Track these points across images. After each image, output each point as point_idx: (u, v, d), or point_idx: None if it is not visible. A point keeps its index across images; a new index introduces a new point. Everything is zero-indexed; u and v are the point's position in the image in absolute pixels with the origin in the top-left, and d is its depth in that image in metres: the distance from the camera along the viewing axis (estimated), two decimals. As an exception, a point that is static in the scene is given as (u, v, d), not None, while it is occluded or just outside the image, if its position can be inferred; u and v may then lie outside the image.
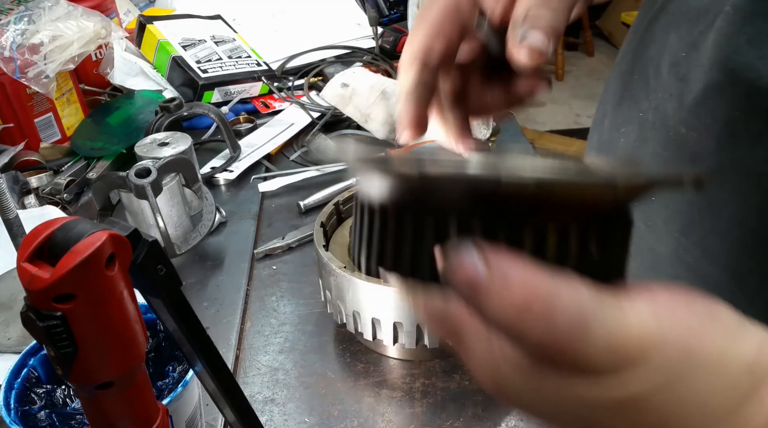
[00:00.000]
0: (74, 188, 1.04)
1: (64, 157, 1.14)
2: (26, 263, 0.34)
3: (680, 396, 0.26)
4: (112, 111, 1.22)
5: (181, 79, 1.29)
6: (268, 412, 0.67)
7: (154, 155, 0.87)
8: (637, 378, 0.25)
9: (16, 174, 1.04)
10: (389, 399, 0.68)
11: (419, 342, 0.68)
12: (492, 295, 0.25)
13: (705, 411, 0.26)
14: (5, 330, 0.75)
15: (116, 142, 1.13)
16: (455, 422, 0.65)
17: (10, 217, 0.70)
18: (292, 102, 1.26)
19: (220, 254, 0.91)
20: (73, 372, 0.36)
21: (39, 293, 0.33)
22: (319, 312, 0.79)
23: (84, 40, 1.10)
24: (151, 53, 1.33)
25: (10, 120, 1.12)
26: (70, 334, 0.34)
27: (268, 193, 1.03)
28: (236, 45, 1.39)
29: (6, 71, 1.05)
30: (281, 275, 0.86)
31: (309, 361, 0.73)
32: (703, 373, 0.25)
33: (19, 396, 0.54)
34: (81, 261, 0.33)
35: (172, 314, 0.41)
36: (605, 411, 0.26)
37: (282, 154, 1.15)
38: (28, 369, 0.56)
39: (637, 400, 0.26)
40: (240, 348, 0.75)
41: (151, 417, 0.43)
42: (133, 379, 0.40)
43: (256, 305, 0.82)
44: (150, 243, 0.37)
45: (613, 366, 0.25)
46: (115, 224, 0.37)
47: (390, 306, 0.66)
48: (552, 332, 0.25)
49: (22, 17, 1.07)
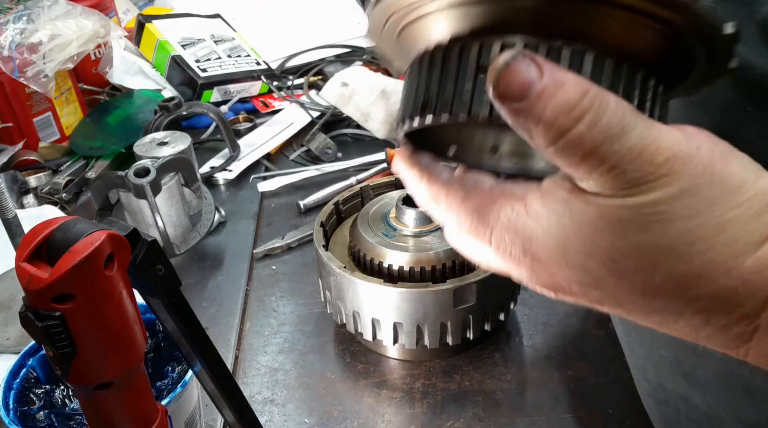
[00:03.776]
0: (73, 188, 1.04)
1: (62, 156, 1.14)
2: (25, 263, 0.33)
3: (702, 210, 0.27)
4: (111, 110, 1.22)
5: (180, 78, 1.28)
6: (268, 412, 0.67)
7: (153, 155, 0.87)
8: (662, 186, 0.27)
9: (15, 174, 1.04)
10: (389, 400, 0.68)
11: (419, 342, 0.67)
12: (544, 96, 0.26)
13: (725, 239, 0.27)
14: (4, 330, 0.75)
15: (115, 141, 1.12)
16: (455, 422, 0.64)
17: (8, 217, 0.70)
18: (291, 101, 1.26)
19: (220, 254, 0.91)
20: (72, 373, 0.36)
21: (38, 293, 0.33)
22: (319, 312, 0.79)
23: (83, 40, 1.10)
24: (150, 52, 1.33)
25: (9, 119, 1.11)
26: (68, 334, 0.34)
27: (268, 193, 1.03)
28: (235, 44, 1.38)
29: (5, 70, 1.05)
30: (281, 275, 0.86)
31: (309, 361, 0.73)
32: (724, 193, 0.27)
33: (18, 397, 0.54)
34: (80, 261, 0.33)
35: (171, 315, 0.41)
36: (632, 225, 0.27)
37: (282, 153, 1.15)
38: (26, 369, 0.55)
39: (660, 206, 0.27)
40: (239, 349, 0.75)
41: (150, 418, 0.42)
42: (132, 379, 0.40)
43: (255, 305, 0.82)
44: (149, 243, 0.37)
45: (641, 173, 0.27)
46: (114, 223, 0.36)
47: (390, 306, 0.65)
48: (595, 128, 0.26)
49: (21, 16, 1.07)
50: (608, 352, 0.70)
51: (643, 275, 0.28)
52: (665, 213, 0.27)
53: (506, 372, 0.70)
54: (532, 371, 0.69)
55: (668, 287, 0.28)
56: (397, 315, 0.66)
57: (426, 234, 0.69)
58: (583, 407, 0.65)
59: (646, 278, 0.28)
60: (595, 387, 0.67)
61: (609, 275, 0.28)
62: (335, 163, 1.07)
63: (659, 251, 0.27)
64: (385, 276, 0.67)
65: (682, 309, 0.28)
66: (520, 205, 0.30)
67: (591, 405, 0.65)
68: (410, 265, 0.67)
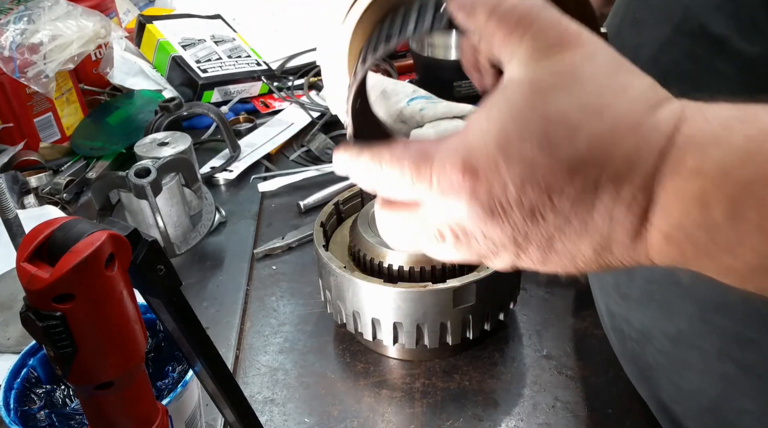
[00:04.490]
0: (74, 188, 1.04)
1: (63, 157, 1.14)
2: (26, 263, 0.34)
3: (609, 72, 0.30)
4: (112, 111, 1.22)
5: (181, 78, 1.28)
6: (268, 412, 0.67)
7: (153, 155, 0.87)
8: (577, 46, 0.31)
9: (16, 174, 1.04)
10: (389, 399, 0.68)
11: (419, 342, 0.68)
12: None
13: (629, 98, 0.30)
14: (5, 330, 0.75)
15: (116, 142, 1.13)
16: (455, 422, 0.65)
17: (9, 217, 0.70)
18: (291, 102, 1.26)
19: (220, 254, 0.91)
20: (73, 372, 0.36)
21: (38, 293, 0.33)
22: (319, 312, 0.79)
23: (83, 40, 1.10)
24: (150, 53, 1.33)
25: (10, 120, 1.12)
26: (69, 334, 0.34)
27: (268, 193, 1.03)
28: (236, 44, 1.38)
29: (5, 71, 1.05)
30: (281, 275, 0.86)
31: (309, 361, 0.73)
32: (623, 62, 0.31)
33: (19, 396, 0.54)
34: (80, 261, 0.33)
35: (171, 315, 0.41)
36: (556, 88, 0.30)
37: (282, 154, 1.15)
38: (27, 369, 0.55)
39: (578, 67, 0.30)
40: (240, 348, 0.75)
41: (150, 418, 0.42)
42: (132, 379, 0.40)
43: (255, 305, 0.82)
44: (149, 243, 0.37)
45: (559, 37, 0.31)
46: (115, 223, 0.37)
47: (390, 306, 0.65)
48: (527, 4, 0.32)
49: (22, 17, 1.07)
50: (608, 352, 0.70)
51: (570, 142, 0.30)
52: (582, 73, 0.30)
53: (506, 372, 0.70)
54: (531, 371, 0.70)
55: (590, 153, 0.29)
56: (397, 315, 0.66)
57: (426, 234, 0.69)
58: (583, 407, 0.65)
59: (573, 145, 0.29)
60: (595, 387, 0.67)
61: (541, 154, 0.30)
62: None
63: (581, 109, 0.30)
64: (385, 276, 0.67)
65: (599, 178, 0.30)
66: (460, 135, 0.32)
67: (591, 405, 0.65)
68: (410, 265, 0.67)
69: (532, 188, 0.30)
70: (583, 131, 0.29)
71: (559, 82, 0.30)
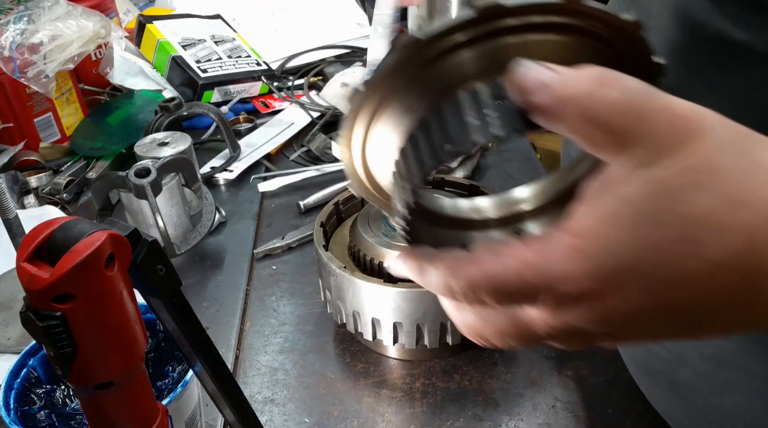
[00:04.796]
0: (74, 188, 1.04)
1: (63, 157, 1.14)
2: (26, 263, 0.34)
3: (748, 157, 0.27)
4: (112, 111, 1.22)
5: (181, 78, 1.28)
6: (268, 412, 0.67)
7: (153, 155, 0.87)
8: (704, 142, 0.27)
9: (16, 174, 1.04)
10: (389, 399, 0.68)
11: (419, 342, 0.68)
12: (564, 81, 0.28)
13: None
14: (5, 330, 0.75)
15: (116, 142, 1.13)
16: (455, 422, 0.65)
17: (9, 217, 0.70)
18: (291, 102, 1.26)
19: (220, 254, 0.91)
20: (73, 372, 0.36)
21: (38, 293, 0.33)
22: (319, 312, 0.79)
23: (83, 40, 1.10)
24: (150, 53, 1.33)
25: (10, 120, 1.12)
26: (69, 334, 0.34)
27: (268, 193, 1.03)
28: (236, 45, 1.38)
29: (5, 71, 1.05)
30: (281, 275, 0.86)
31: (309, 361, 0.73)
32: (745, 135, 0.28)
33: (19, 396, 0.54)
34: (80, 261, 0.33)
35: (171, 314, 0.41)
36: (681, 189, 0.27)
37: (282, 154, 1.15)
38: (27, 369, 0.55)
39: (708, 162, 0.27)
40: (240, 348, 0.75)
41: (150, 418, 0.42)
42: (132, 379, 0.40)
43: (255, 305, 0.82)
44: (149, 243, 0.37)
45: (678, 137, 0.27)
46: (115, 223, 0.37)
47: (390, 306, 0.65)
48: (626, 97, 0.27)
49: (22, 17, 1.07)
50: (608, 352, 0.70)
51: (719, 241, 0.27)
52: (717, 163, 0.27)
53: (506, 372, 0.70)
54: (532, 371, 0.70)
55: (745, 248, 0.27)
56: (397, 315, 0.66)
57: (426, 234, 0.69)
58: (583, 407, 0.65)
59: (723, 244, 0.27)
60: (595, 387, 0.67)
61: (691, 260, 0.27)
62: (335, 163, 1.07)
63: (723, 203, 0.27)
64: (385, 276, 0.67)
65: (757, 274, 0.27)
66: (567, 235, 0.28)
67: (591, 405, 0.65)
68: (410, 265, 0.67)
69: (672, 291, 0.28)
70: (732, 227, 0.27)
71: (696, 179, 0.27)
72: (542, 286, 0.28)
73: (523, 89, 0.28)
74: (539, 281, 0.28)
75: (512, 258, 0.29)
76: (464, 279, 0.30)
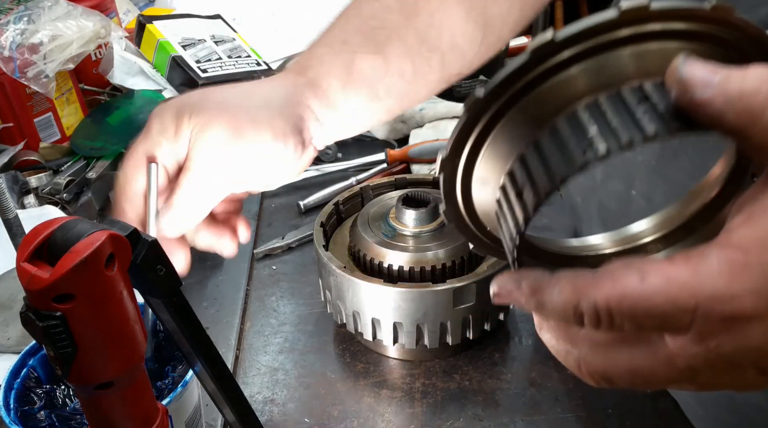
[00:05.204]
0: (74, 188, 1.04)
1: (63, 157, 1.14)
2: (26, 263, 0.34)
3: None
4: (112, 111, 1.22)
5: (181, 78, 1.28)
6: (268, 412, 0.67)
7: (153, 155, 0.87)
8: None
9: (16, 174, 1.04)
10: (389, 399, 0.68)
11: (419, 342, 0.68)
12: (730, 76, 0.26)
13: None
14: (5, 330, 0.75)
15: (116, 142, 1.12)
16: (455, 422, 0.65)
17: (9, 217, 0.70)
18: (291, 102, 1.26)
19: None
20: (73, 372, 0.36)
21: (38, 293, 0.33)
22: (319, 312, 0.79)
23: (83, 40, 1.10)
24: (150, 53, 1.33)
25: (10, 120, 1.12)
26: (69, 334, 0.34)
27: (268, 193, 1.03)
28: (236, 45, 1.38)
29: (5, 71, 1.05)
30: (281, 275, 0.86)
31: (309, 361, 0.73)
32: None
33: (19, 396, 0.54)
34: (80, 261, 0.33)
35: (171, 314, 0.41)
36: None
37: (282, 154, 1.15)
38: (27, 369, 0.56)
39: None
40: (240, 348, 0.75)
41: (150, 418, 0.42)
42: (132, 379, 0.40)
43: (255, 305, 0.82)
44: (149, 243, 0.37)
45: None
46: (115, 223, 0.37)
47: (390, 306, 0.65)
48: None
49: (22, 17, 1.07)
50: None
51: None
52: None
53: (506, 372, 0.70)
54: (531, 371, 0.70)
55: None
56: (397, 315, 0.66)
57: (425, 234, 0.69)
58: (583, 407, 0.65)
59: None
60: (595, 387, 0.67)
61: None
62: (335, 163, 1.08)
63: None
64: (385, 276, 0.67)
65: None
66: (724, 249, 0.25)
67: (591, 405, 0.65)
68: (410, 265, 0.67)
69: None
70: None
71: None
72: (696, 308, 0.25)
73: (687, 84, 0.25)
74: (693, 303, 0.25)
75: (658, 275, 0.26)
76: (598, 299, 0.26)
